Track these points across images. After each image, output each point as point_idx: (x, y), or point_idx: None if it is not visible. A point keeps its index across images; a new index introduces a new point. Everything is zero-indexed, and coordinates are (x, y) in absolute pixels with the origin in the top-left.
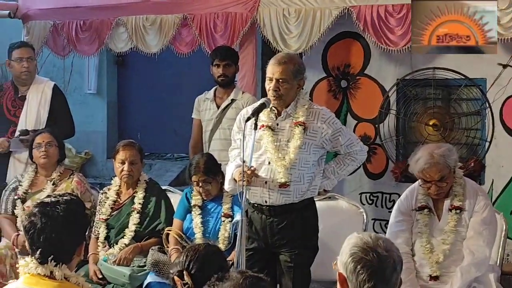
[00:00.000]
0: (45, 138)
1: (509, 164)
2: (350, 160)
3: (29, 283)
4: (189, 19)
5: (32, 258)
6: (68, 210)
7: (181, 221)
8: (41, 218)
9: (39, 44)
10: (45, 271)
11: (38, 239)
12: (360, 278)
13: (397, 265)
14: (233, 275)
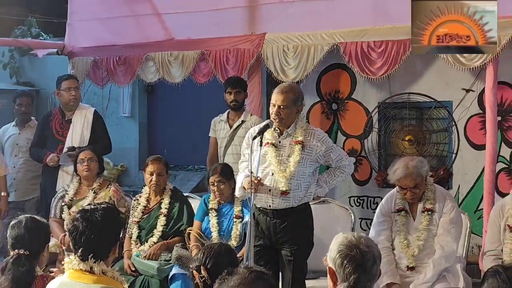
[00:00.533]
0: (87, 155)
1: (472, 172)
2: (340, 172)
3: (73, 277)
4: (206, 55)
5: (75, 256)
6: (104, 216)
7: (200, 222)
8: (82, 222)
9: (82, 76)
10: (86, 267)
11: (80, 240)
12: (346, 271)
13: (376, 259)
14: (240, 270)
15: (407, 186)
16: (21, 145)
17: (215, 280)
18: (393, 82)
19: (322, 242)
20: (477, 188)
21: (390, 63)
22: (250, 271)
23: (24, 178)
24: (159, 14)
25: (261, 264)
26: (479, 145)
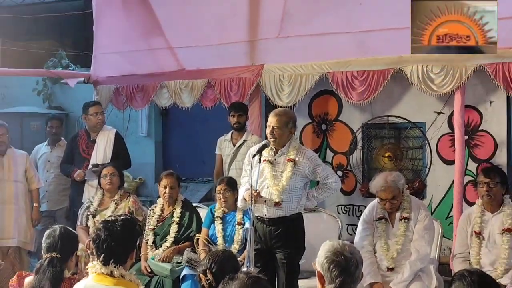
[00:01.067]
0: (109, 170)
1: (443, 184)
2: (326, 189)
3: (96, 280)
4: (212, 83)
5: (98, 261)
6: (123, 226)
7: (207, 229)
8: (104, 231)
9: (106, 102)
10: (107, 271)
11: (102, 247)
12: (333, 274)
13: (359, 264)
14: (240, 276)
15: (386, 198)
16: (52, 161)
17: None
18: (374, 106)
19: (313, 246)
20: (448, 198)
21: (371, 89)
22: (248, 276)
23: (55, 190)
24: (171, 48)
25: (258, 266)
26: (449, 161)
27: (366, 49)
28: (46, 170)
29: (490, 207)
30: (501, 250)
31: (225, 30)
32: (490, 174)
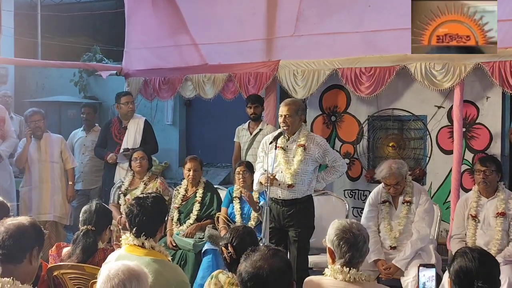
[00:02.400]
0: (139, 154)
1: (442, 172)
2: (335, 171)
3: (128, 250)
4: (232, 77)
5: (130, 234)
6: (153, 202)
7: (226, 208)
8: (136, 207)
9: (135, 93)
10: (139, 243)
11: (134, 221)
12: (342, 250)
13: (366, 239)
14: (261, 248)
15: (391, 183)
16: (87, 145)
17: (239, 255)
18: (380, 100)
19: (322, 226)
20: (446, 184)
21: (377, 84)
22: (268, 249)
23: (89, 171)
24: (196, 44)
25: (272, 242)
26: (448, 151)
27: (374, 48)
28: (82, 153)
29: (486, 193)
30: (495, 232)
31: (244, 28)
32: (486, 163)
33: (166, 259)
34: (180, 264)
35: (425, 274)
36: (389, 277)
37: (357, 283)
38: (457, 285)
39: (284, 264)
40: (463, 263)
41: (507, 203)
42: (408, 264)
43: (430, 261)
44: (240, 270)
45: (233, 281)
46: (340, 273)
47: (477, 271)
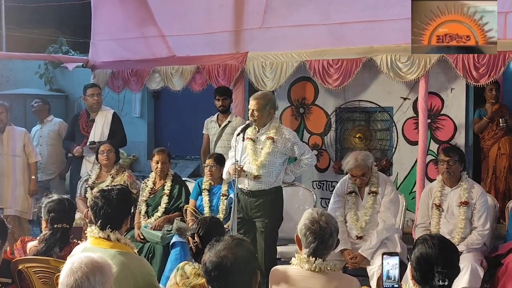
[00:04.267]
0: (106, 147)
1: (408, 162)
2: (303, 164)
3: (93, 243)
4: (201, 68)
5: (95, 226)
6: (118, 194)
7: (195, 201)
8: (101, 199)
9: (102, 85)
10: (104, 235)
11: (99, 214)
12: (308, 240)
13: (333, 232)
14: (225, 238)
15: (357, 175)
16: (43, 136)
17: (205, 246)
18: (347, 92)
19: (291, 216)
20: (411, 175)
21: (344, 76)
22: (233, 238)
23: (46, 162)
24: (163, 36)
25: (241, 233)
26: (413, 142)
27: (341, 40)
28: (39, 144)
29: (449, 183)
30: (458, 220)
31: (212, 20)
32: (450, 153)
33: (132, 252)
34: (148, 257)
35: (389, 262)
36: (355, 266)
37: (323, 273)
38: (417, 271)
39: (249, 254)
40: (423, 250)
41: (470, 193)
42: (374, 254)
43: (395, 250)
44: (204, 260)
45: (199, 272)
46: (306, 262)
47: (437, 257)
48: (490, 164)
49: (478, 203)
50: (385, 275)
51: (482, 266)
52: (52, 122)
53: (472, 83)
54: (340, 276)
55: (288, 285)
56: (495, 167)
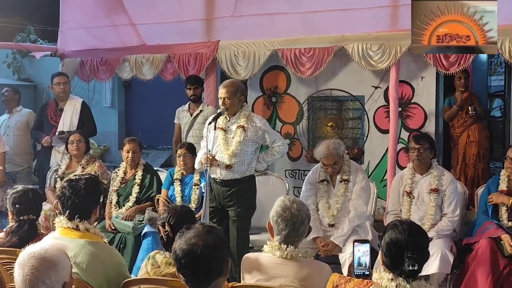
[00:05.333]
0: (76, 137)
1: (379, 150)
2: (275, 152)
3: (62, 233)
4: (171, 57)
5: (64, 217)
6: (86, 184)
7: (166, 190)
8: (69, 189)
9: (71, 74)
10: (73, 225)
11: (67, 203)
12: (279, 227)
13: (304, 220)
14: (196, 226)
15: (328, 163)
16: (11, 126)
17: (176, 234)
18: (319, 80)
19: (263, 205)
20: (383, 162)
21: (316, 65)
22: (203, 226)
23: (13, 153)
24: (133, 24)
25: (214, 222)
26: (385, 130)
27: (312, 28)
28: (6, 134)
29: (420, 170)
30: (428, 207)
31: (183, 8)
32: (420, 140)
33: (102, 241)
34: (120, 247)
35: (360, 249)
36: (327, 254)
37: (294, 260)
38: (388, 257)
39: (219, 241)
40: (393, 236)
41: (440, 180)
42: (345, 241)
43: (367, 237)
44: (174, 248)
45: (170, 261)
46: (278, 249)
47: (407, 243)
48: (460, 152)
49: (448, 190)
50: (356, 262)
51: (452, 252)
52: (21, 113)
53: (442, 71)
54: (312, 263)
55: (260, 273)
56: (464, 154)
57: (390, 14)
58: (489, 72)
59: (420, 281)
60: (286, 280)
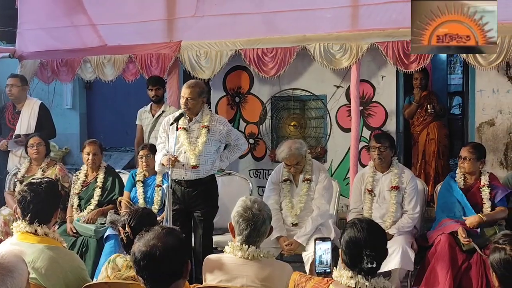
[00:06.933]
0: (35, 140)
1: (342, 149)
2: (237, 150)
3: (20, 238)
4: (133, 58)
5: (22, 221)
6: (47, 188)
7: (129, 193)
8: (29, 193)
9: (31, 75)
10: (31, 229)
11: (27, 207)
12: (240, 227)
13: (266, 220)
14: (155, 228)
15: (291, 163)
16: None
17: (136, 236)
18: (282, 80)
19: (227, 206)
20: (346, 161)
21: (279, 65)
22: (162, 228)
23: None
24: (94, 25)
25: (177, 225)
26: (347, 129)
27: (274, 29)
28: None
29: (381, 168)
30: (389, 205)
31: (144, 9)
32: (381, 139)
33: (61, 246)
34: (82, 251)
35: (321, 247)
36: (291, 253)
37: (256, 260)
38: (347, 255)
39: (179, 243)
40: (352, 234)
41: (400, 177)
42: (309, 240)
43: (329, 236)
44: (133, 250)
45: (130, 264)
46: (239, 250)
47: (365, 241)
48: (420, 149)
49: (408, 187)
50: (317, 260)
51: (412, 248)
52: None
53: (402, 70)
54: (273, 263)
55: (222, 273)
56: (424, 152)
57: (350, 14)
58: (449, 70)
59: (379, 278)
60: (247, 280)
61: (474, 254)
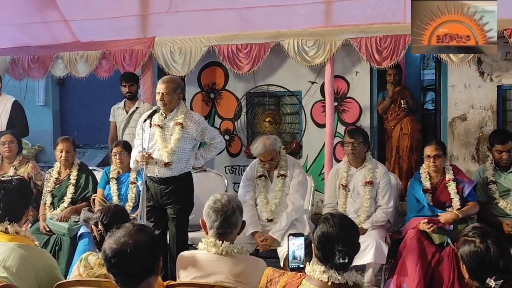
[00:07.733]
0: (7, 138)
1: (317, 144)
2: (213, 148)
3: None
4: (107, 54)
5: None
6: (18, 185)
7: (102, 190)
8: (1, 191)
9: (2, 72)
10: (2, 228)
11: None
12: (211, 219)
13: (236, 210)
14: (126, 225)
15: (266, 159)
16: None
17: None
18: (257, 76)
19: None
20: (321, 156)
21: (254, 61)
22: (133, 225)
23: None
24: (66, 21)
25: (151, 221)
26: (321, 124)
27: (248, 24)
28: None
29: (355, 163)
30: (363, 200)
31: (118, 4)
32: (354, 135)
33: (32, 244)
34: (55, 249)
35: (295, 243)
36: (266, 248)
37: (230, 256)
38: (319, 250)
39: (150, 240)
40: (324, 229)
41: (374, 172)
42: (284, 235)
43: (304, 231)
44: (104, 247)
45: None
46: (213, 246)
47: (338, 236)
48: (394, 144)
49: (382, 182)
50: (291, 255)
51: (386, 242)
52: None
53: (375, 66)
54: (247, 258)
55: (195, 270)
56: (398, 147)
57: (324, 10)
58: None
59: (351, 272)
60: (221, 276)
61: (447, 247)
